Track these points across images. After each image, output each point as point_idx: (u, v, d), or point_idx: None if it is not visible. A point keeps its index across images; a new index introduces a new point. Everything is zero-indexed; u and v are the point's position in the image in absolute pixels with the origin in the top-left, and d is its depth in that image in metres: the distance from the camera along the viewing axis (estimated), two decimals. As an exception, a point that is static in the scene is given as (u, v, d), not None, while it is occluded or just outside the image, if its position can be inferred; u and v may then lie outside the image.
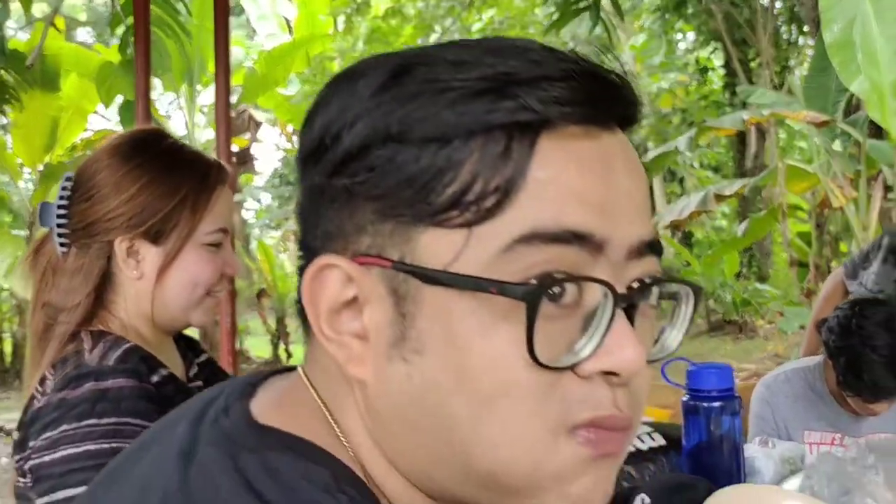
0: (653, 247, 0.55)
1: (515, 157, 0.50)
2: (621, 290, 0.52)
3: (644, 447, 1.88)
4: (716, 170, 16.56)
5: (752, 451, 1.92)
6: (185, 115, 8.86)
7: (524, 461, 0.52)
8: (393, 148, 0.51)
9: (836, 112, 6.56)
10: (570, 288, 0.51)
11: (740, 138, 14.24)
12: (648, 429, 1.96)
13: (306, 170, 0.57)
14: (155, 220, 1.22)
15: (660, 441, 1.91)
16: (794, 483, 1.67)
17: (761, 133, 12.76)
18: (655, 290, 0.56)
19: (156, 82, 8.03)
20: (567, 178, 0.51)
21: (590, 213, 0.51)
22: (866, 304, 2.24)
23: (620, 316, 0.51)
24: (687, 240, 17.08)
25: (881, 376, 2.13)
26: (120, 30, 4.99)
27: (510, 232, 0.50)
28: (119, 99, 7.90)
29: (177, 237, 1.24)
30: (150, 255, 1.24)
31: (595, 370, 0.51)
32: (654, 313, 0.57)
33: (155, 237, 1.24)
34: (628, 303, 0.52)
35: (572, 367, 0.51)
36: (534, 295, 0.49)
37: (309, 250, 0.57)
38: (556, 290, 0.50)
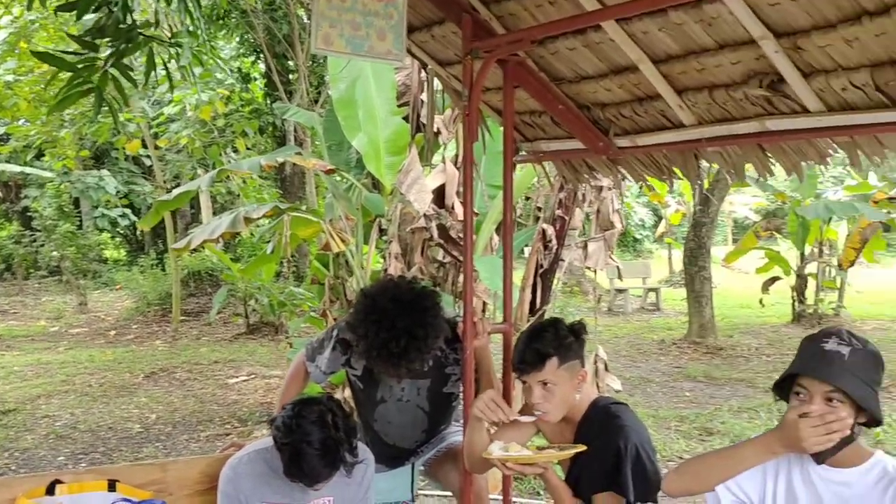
0: None
1: None
2: None
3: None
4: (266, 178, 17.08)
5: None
6: None
7: None
8: None
9: (352, 149, 7.35)
10: None
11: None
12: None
13: None
14: None
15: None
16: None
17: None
18: None
19: None
20: None
21: None
22: (304, 404, 2.78)
23: None
24: (231, 238, 17.63)
25: (316, 466, 2.68)
26: None
27: None
28: None
29: None
30: None
31: None
32: None
33: None
34: None
35: None
36: None
37: None
38: None
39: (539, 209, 6.49)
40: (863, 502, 2.15)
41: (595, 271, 6.61)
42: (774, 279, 14.19)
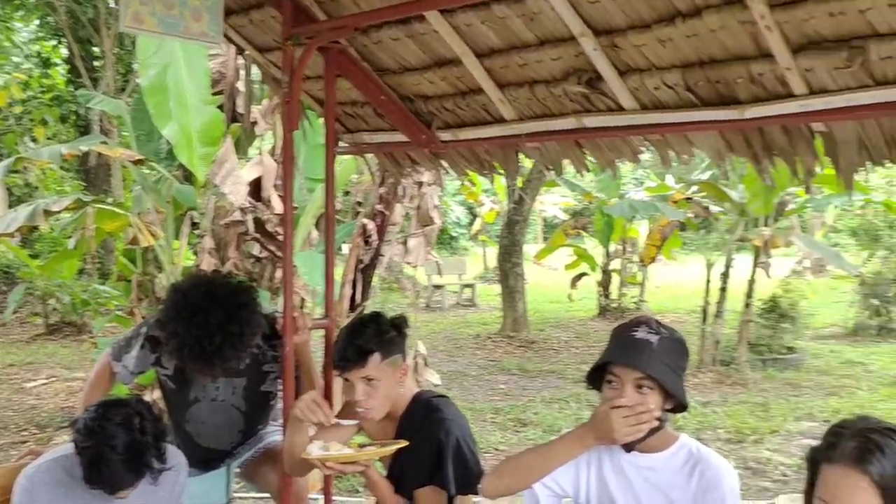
0: None
1: None
2: None
3: None
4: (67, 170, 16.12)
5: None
6: None
7: None
8: None
9: (162, 139, 6.97)
10: None
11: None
12: None
13: None
14: None
15: None
16: None
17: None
18: None
19: None
20: None
21: None
22: (110, 405, 2.58)
23: None
24: (29, 232, 16.45)
25: (119, 471, 2.49)
26: None
27: None
28: None
29: None
30: None
31: None
32: None
33: None
34: None
35: None
36: None
37: None
38: None
39: (359, 204, 6.43)
40: (670, 484, 2.24)
41: (415, 267, 6.63)
42: (581, 275, 14.81)
